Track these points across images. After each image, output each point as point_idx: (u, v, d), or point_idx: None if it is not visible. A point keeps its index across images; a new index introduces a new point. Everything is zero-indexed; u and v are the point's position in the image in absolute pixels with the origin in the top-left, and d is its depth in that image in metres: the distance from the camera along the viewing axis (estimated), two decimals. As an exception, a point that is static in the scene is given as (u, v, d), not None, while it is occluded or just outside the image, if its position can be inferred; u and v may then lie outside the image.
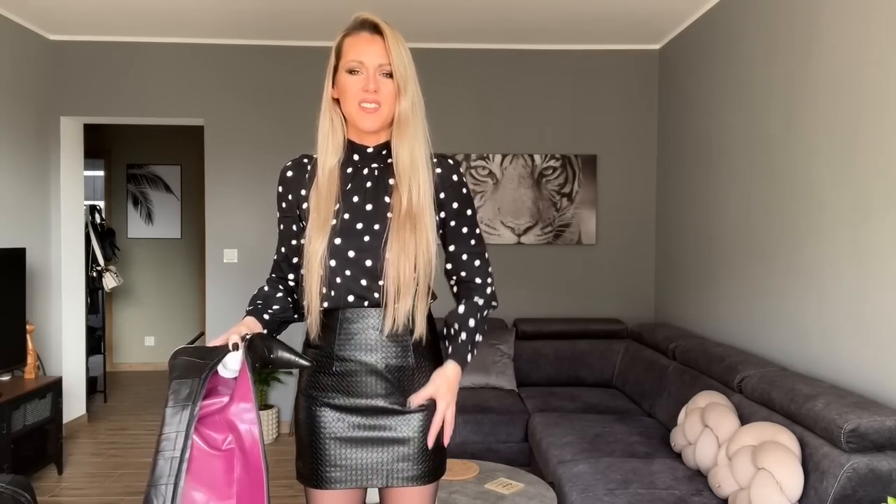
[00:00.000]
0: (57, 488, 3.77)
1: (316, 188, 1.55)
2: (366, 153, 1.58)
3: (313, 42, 4.70)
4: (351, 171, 1.58)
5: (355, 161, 1.59)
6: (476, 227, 1.64)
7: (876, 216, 2.45)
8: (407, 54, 1.51)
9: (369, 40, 1.50)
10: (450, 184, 1.59)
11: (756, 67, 3.34)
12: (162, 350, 6.85)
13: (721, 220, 3.72)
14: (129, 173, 6.78)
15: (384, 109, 1.51)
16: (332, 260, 1.51)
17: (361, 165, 1.59)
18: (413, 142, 1.52)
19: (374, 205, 1.54)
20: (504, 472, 2.91)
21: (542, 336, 4.50)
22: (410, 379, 1.56)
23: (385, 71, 1.50)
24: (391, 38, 1.49)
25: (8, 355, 3.70)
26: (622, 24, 4.30)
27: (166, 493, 1.31)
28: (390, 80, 1.50)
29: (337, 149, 1.57)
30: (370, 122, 1.51)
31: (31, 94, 4.44)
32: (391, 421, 1.54)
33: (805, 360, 2.90)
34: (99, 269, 5.49)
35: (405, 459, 1.54)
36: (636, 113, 4.82)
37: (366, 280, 1.52)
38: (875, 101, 2.46)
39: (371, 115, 1.51)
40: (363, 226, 1.53)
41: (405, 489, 1.56)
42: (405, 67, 1.50)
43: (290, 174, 1.63)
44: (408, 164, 1.52)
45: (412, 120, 1.52)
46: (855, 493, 2.08)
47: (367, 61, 1.49)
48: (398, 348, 1.54)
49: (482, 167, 4.76)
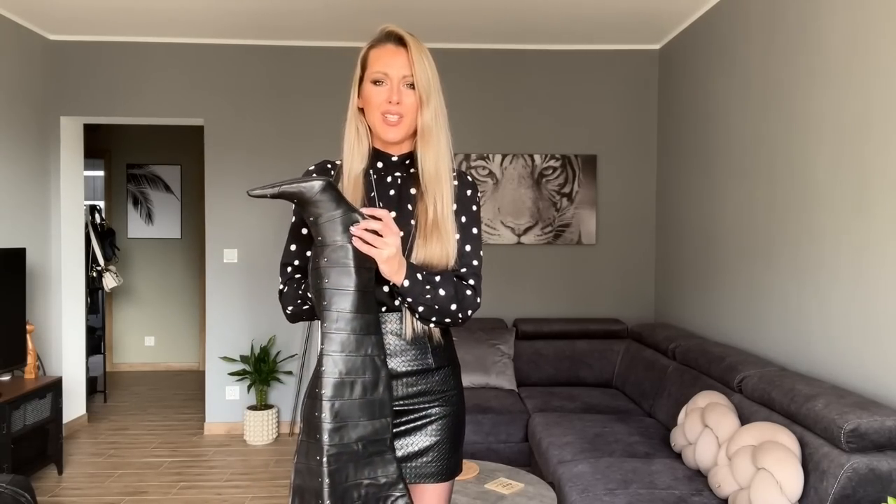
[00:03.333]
0: (57, 488, 3.77)
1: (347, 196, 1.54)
2: (390, 161, 1.62)
3: (313, 42, 4.70)
4: (375, 177, 1.62)
5: (379, 169, 1.62)
6: (479, 249, 1.64)
7: (876, 216, 2.45)
8: (431, 66, 1.55)
9: (394, 52, 1.54)
10: (462, 198, 1.62)
11: (756, 67, 3.34)
12: (162, 350, 6.86)
13: (721, 220, 3.72)
14: (129, 173, 6.78)
15: (406, 120, 1.55)
16: None
17: (385, 173, 1.62)
18: (437, 152, 1.56)
19: (399, 213, 1.57)
20: (504, 472, 2.91)
21: (542, 336, 4.50)
22: (430, 380, 1.59)
23: (409, 82, 1.54)
24: (415, 50, 1.53)
25: (8, 355, 3.70)
26: (622, 24, 4.30)
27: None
28: (413, 93, 1.54)
29: (363, 157, 1.60)
30: (393, 133, 1.55)
31: (31, 94, 4.44)
32: (409, 418, 1.57)
33: (805, 360, 2.90)
34: (99, 269, 5.49)
35: (422, 456, 1.57)
36: (636, 113, 4.82)
37: (388, 286, 1.53)
38: (875, 101, 2.46)
39: (394, 127, 1.55)
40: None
41: (422, 486, 1.59)
42: (428, 79, 1.54)
43: None
44: (433, 175, 1.56)
45: (435, 131, 1.56)
46: (855, 493, 2.08)
47: (391, 73, 1.53)
48: (417, 352, 1.57)
49: (482, 167, 4.76)
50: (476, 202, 1.65)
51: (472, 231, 1.63)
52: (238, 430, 4.77)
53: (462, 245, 1.61)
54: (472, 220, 1.64)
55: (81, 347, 4.90)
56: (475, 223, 1.65)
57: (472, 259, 1.62)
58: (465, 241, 1.62)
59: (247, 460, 4.26)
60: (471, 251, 1.62)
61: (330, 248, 1.40)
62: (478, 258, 1.63)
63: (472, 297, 1.58)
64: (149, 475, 3.98)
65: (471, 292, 1.58)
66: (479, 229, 1.65)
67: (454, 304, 1.53)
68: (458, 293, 1.55)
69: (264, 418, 4.55)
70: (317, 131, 4.72)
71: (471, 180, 1.67)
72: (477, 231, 1.64)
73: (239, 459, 4.27)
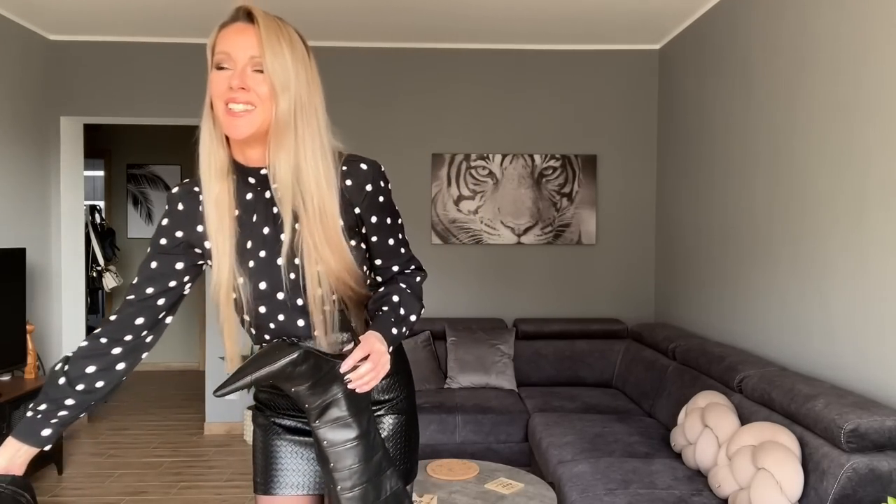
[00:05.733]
0: (57, 488, 3.77)
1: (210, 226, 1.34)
2: (259, 176, 1.34)
3: (313, 42, 4.68)
4: (252, 197, 1.36)
5: (253, 185, 1.35)
6: (401, 233, 1.46)
7: (876, 216, 2.45)
8: (289, 45, 1.26)
9: (240, 30, 1.26)
10: (364, 195, 1.36)
11: (756, 67, 3.34)
12: (162, 350, 6.86)
13: (721, 220, 3.72)
14: (129, 173, 6.78)
15: (259, 112, 1.25)
16: (261, 306, 1.38)
17: (262, 189, 1.35)
18: (296, 155, 1.27)
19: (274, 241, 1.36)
20: (504, 472, 2.91)
21: (542, 336, 4.50)
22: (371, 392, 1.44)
23: (258, 65, 1.24)
24: (265, 26, 1.25)
25: (8, 355, 3.71)
26: (622, 24, 4.30)
27: None
28: (263, 77, 1.25)
29: (221, 172, 1.32)
30: (239, 127, 1.24)
31: (31, 94, 4.44)
32: None
33: (805, 360, 2.90)
34: (99, 269, 5.49)
35: None
36: (636, 113, 4.82)
37: (302, 320, 1.39)
38: (876, 101, 2.46)
39: (238, 118, 1.24)
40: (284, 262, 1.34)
41: None
42: (286, 65, 1.25)
43: (180, 207, 1.40)
44: (288, 185, 1.28)
45: (293, 127, 1.26)
46: (855, 493, 2.08)
47: (234, 53, 1.24)
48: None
49: (482, 167, 4.76)
50: (382, 190, 1.39)
51: (387, 222, 1.42)
52: (238, 430, 4.77)
53: (384, 241, 1.43)
54: (383, 212, 1.40)
55: (81, 347, 4.90)
56: (387, 212, 1.41)
57: (399, 248, 1.46)
58: (385, 236, 1.42)
59: (247, 460, 4.26)
60: (395, 243, 1.45)
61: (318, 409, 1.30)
62: (404, 244, 1.48)
63: (420, 281, 1.50)
64: (149, 475, 3.98)
65: (419, 278, 1.49)
66: (393, 216, 1.43)
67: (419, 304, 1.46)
68: (415, 293, 1.46)
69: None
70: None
71: (367, 168, 1.36)
72: (392, 220, 1.43)
73: (239, 459, 4.27)
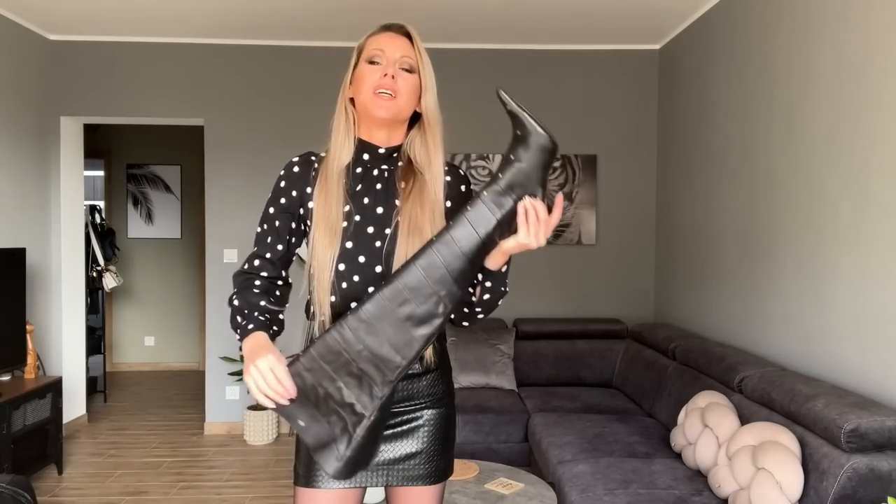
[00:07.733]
0: (57, 488, 3.77)
1: (324, 188, 1.49)
2: (377, 153, 1.53)
3: (313, 42, 4.70)
4: (360, 171, 1.53)
5: (365, 161, 1.54)
6: None
7: (876, 215, 2.45)
8: (429, 58, 1.50)
9: (394, 36, 1.49)
10: (457, 192, 1.57)
11: (756, 67, 3.34)
12: (162, 350, 6.86)
13: (721, 220, 3.72)
14: (129, 173, 6.78)
15: (400, 101, 1.46)
16: (340, 264, 1.47)
17: (371, 166, 1.54)
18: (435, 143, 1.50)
19: (385, 208, 1.50)
20: (504, 472, 2.91)
21: (542, 336, 4.50)
22: (417, 384, 1.53)
23: (406, 65, 1.47)
24: (418, 41, 1.49)
25: (8, 355, 3.70)
26: (622, 24, 4.30)
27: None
28: (410, 76, 1.47)
29: (349, 149, 1.52)
30: (384, 109, 1.45)
31: (31, 94, 4.44)
32: (398, 420, 1.52)
33: (805, 360, 2.90)
34: (99, 269, 5.49)
35: (411, 458, 1.52)
36: (636, 113, 4.82)
37: (374, 286, 1.47)
38: (877, 101, 2.46)
39: (386, 102, 1.44)
40: (374, 230, 1.48)
41: (412, 489, 1.54)
42: (429, 67, 1.49)
43: (296, 170, 1.55)
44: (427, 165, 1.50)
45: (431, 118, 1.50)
46: (855, 493, 2.08)
47: (388, 52, 1.46)
48: None
49: (482, 167, 4.76)
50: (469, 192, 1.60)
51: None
52: (238, 430, 4.77)
53: None
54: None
55: (81, 347, 4.90)
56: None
57: None
58: None
59: (247, 460, 4.26)
60: None
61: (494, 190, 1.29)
62: None
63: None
64: (149, 475, 3.98)
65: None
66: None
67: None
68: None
69: (264, 418, 4.55)
70: (317, 131, 4.67)
71: (463, 174, 1.61)
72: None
73: (239, 459, 4.27)
